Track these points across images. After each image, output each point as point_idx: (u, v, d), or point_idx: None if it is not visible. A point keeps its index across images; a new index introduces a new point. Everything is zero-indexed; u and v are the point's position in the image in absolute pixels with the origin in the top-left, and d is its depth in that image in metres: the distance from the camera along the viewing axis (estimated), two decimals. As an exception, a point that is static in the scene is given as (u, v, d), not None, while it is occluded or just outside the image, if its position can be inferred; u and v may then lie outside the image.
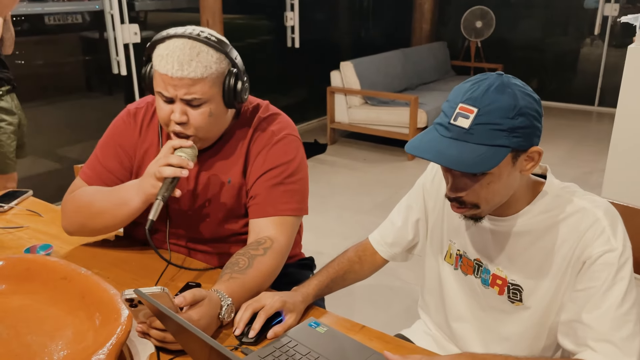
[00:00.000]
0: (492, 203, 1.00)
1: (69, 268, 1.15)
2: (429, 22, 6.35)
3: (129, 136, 1.37)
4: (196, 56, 1.15)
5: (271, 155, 1.29)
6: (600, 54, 5.97)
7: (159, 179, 1.17)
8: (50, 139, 3.63)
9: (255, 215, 1.28)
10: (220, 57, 1.19)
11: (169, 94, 1.17)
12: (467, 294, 1.16)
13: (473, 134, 0.90)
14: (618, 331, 0.94)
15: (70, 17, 3.66)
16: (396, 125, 4.65)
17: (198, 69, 1.15)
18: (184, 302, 0.97)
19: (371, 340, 1.06)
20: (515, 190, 1.01)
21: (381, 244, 1.31)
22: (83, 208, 1.31)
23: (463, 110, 0.91)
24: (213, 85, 1.19)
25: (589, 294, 0.97)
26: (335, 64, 4.88)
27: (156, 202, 1.17)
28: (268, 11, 5.14)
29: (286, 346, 1.00)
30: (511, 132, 0.90)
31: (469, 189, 0.97)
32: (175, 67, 1.14)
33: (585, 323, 0.97)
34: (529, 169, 0.98)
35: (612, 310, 0.94)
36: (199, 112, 1.20)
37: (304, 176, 1.34)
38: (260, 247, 1.21)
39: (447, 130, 0.93)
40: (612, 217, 0.99)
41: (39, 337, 1.01)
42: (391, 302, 2.57)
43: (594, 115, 6.02)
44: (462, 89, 0.94)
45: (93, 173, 1.37)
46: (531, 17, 6.33)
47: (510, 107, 0.90)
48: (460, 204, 1.00)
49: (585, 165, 4.35)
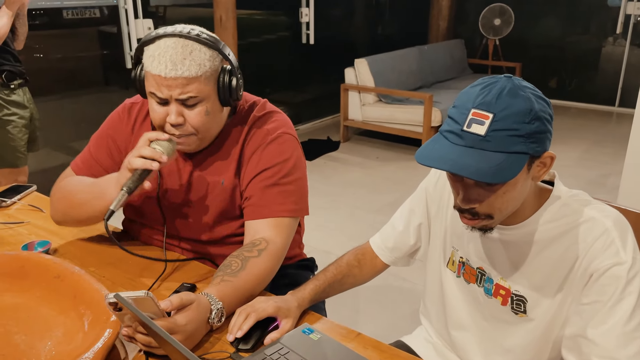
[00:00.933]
0: (505, 212, 0.95)
1: (63, 267, 1.14)
2: (446, 19, 6.26)
3: (121, 131, 1.35)
4: (189, 54, 1.13)
5: (265, 155, 1.26)
6: (622, 53, 5.83)
7: (130, 170, 1.14)
8: (64, 133, 3.66)
9: (250, 217, 1.25)
10: (214, 54, 1.16)
11: (163, 95, 1.15)
12: (470, 303, 1.12)
13: (490, 141, 0.85)
14: (624, 349, 0.89)
15: (88, 11, 3.69)
16: (410, 123, 4.59)
17: (192, 68, 1.12)
18: (170, 307, 0.95)
19: (366, 349, 1.02)
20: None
21: (382, 248, 1.27)
22: (65, 198, 1.30)
23: (477, 116, 0.86)
24: (208, 83, 1.16)
25: (595, 309, 0.93)
26: (350, 61, 4.84)
27: (120, 193, 1.13)
28: (283, 7, 5.11)
29: (277, 353, 0.97)
30: (528, 137, 0.86)
31: (483, 199, 0.92)
32: (169, 66, 1.11)
33: (590, 339, 0.92)
34: (541, 175, 0.94)
35: (618, 326, 0.90)
36: (195, 112, 1.17)
37: (301, 176, 1.30)
38: (254, 248, 1.18)
39: (459, 138, 0.87)
40: (622, 227, 0.94)
41: (28, 337, 1.00)
42: (397, 304, 2.53)
43: (614, 116, 5.89)
44: (471, 93, 0.89)
45: (83, 164, 1.36)
46: (551, 15, 6.19)
47: (527, 112, 0.85)
48: (473, 216, 0.95)
49: (602, 167, 4.25)
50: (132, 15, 3.58)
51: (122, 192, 1.13)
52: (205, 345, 1.02)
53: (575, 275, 0.96)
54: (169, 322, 0.93)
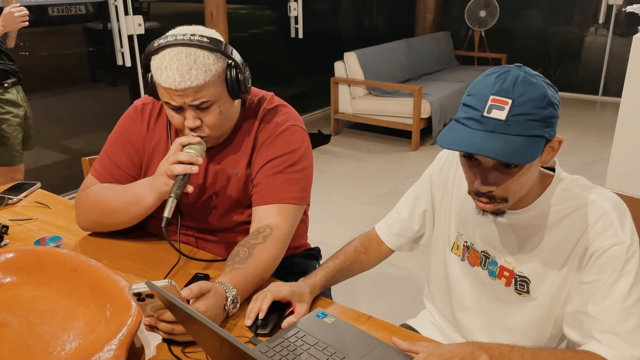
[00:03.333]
0: (518, 195, 0.99)
1: (79, 260, 1.17)
2: (432, 11, 6.31)
3: (137, 132, 1.38)
4: (194, 63, 1.15)
5: (275, 145, 1.31)
6: (605, 43, 5.93)
7: (171, 176, 1.19)
8: (56, 130, 3.65)
9: (257, 203, 1.30)
10: (217, 57, 1.19)
11: (176, 104, 1.19)
12: (474, 285, 1.17)
13: (510, 125, 0.89)
14: (624, 323, 0.94)
15: (74, 8, 3.66)
16: (400, 115, 4.64)
17: (200, 76, 1.16)
18: (190, 295, 0.98)
19: (378, 331, 1.07)
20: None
21: (387, 234, 1.32)
22: (96, 206, 1.34)
23: (497, 102, 0.90)
24: (217, 86, 1.20)
25: (595, 286, 0.98)
26: (339, 55, 4.87)
27: (170, 200, 1.19)
28: (272, 1, 5.12)
29: (294, 336, 1.01)
30: (544, 121, 0.91)
31: (500, 182, 0.95)
32: (177, 79, 1.15)
33: (591, 315, 0.97)
34: (550, 159, 1.00)
35: (618, 302, 0.95)
36: (210, 114, 1.22)
37: (307, 166, 1.35)
38: (259, 235, 1.22)
39: (479, 124, 0.91)
40: (620, 210, 0.99)
41: (50, 327, 1.03)
42: (396, 291, 2.59)
43: (598, 104, 6.00)
44: (487, 82, 0.93)
45: (104, 170, 1.39)
46: (535, 7, 6.28)
47: (541, 97, 0.90)
48: (489, 199, 0.98)
49: (589, 155, 4.34)
50: (122, 12, 3.58)
51: (171, 198, 1.19)
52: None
53: (576, 255, 1.01)
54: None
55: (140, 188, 1.28)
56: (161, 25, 4.14)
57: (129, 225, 1.35)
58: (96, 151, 1.46)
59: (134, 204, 1.28)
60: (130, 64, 3.66)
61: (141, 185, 1.28)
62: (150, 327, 1.01)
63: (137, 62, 3.74)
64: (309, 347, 0.98)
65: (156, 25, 4.06)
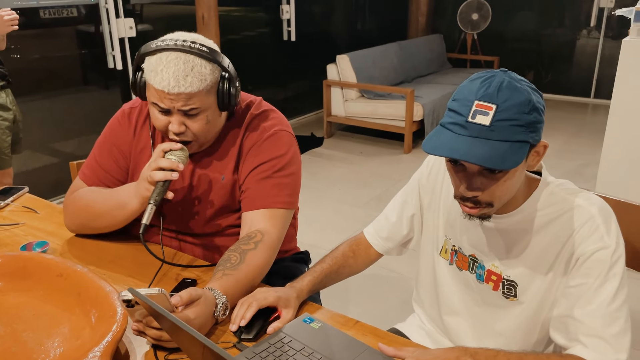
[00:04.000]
0: (503, 200, 1.00)
1: (65, 265, 1.16)
2: (425, 14, 6.33)
3: (123, 136, 1.38)
4: (191, 71, 1.16)
5: (262, 150, 1.31)
6: (596, 46, 5.97)
7: (151, 182, 1.19)
8: (46, 133, 3.62)
9: (246, 208, 1.30)
10: (214, 67, 1.20)
11: (165, 106, 1.19)
12: (462, 289, 1.17)
13: (494, 131, 0.89)
14: (609, 327, 0.95)
15: (65, 10, 3.65)
16: (393, 118, 4.65)
17: (194, 83, 1.16)
18: (180, 302, 0.98)
19: (365, 335, 1.07)
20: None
21: (376, 238, 1.32)
22: (83, 209, 1.35)
23: (481, 108, 0.90)
24: (209, 95, 1.21)
25: (581, 290, 0.98)
26: (331, 57, 4.87)
27: (149, 207, 1.19)
28: (264, 4, 5.13)
29: (281, 342, 1.01)
30: (528, 127, 0.91)
31: (486, 187, 0.96)
32: (172, 83, 1.15)
33: (577, 319, 0.98)
34: (535, 164, 1.00)
35: (603, 306, 0.95)
36: (197, 121, 1.22)
37: (296, 171, 1.34)
38: (250, 241, 1.22)
39: (464, 129, 0.91)
40: (606, 214, 1.00)
41: (35, 334, 1.02)
42: (386, 295, 2.59)
43: (590, 107, 6.03)
44: (471, 87, 0.93)
45: (91, 173, 1.39)
46: (527, 9, 6.31)
47: (525, 103, 0.90)
48: (474, 204, 0.98)
49: (580, 158, 4.36)
50: (114, 14, 3.57)
51: (150, 205, 1.19)
52: (210, 337, 1.05)
53: (563, 259, 1.01)
54: (180, 316, 0.96)
55: (125, 193, 1.28)
56: (153, 28, 4.13)
57: (116, 228, 1.35)
58: (86, 155, 1.45)
59: (118, 208, 1.28)
60: (122, 66, 3.65)
61: (126, 190, 1.28)
62: (138, 332, 1.00)
63: (128, 64, 3.73)
64: (295, 353, 0.98)
65: (148, 27, 4.05)
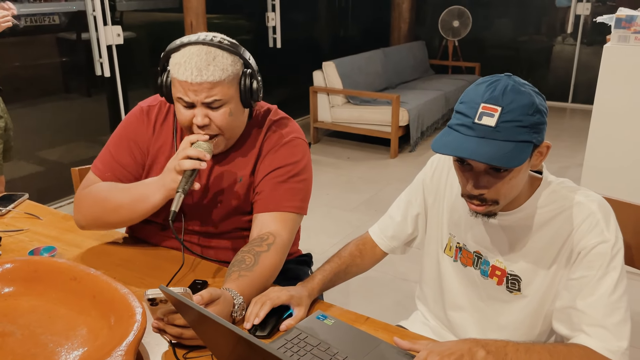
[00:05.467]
0: (508, 198, 1.05)
1: (78, 269, 1.17)
2: (407, 21, 6.43)
3: (142, 133, 1.40)
4: (212, 60, 1.20)
5: (279, 155, 1.34)
6: (573, 52, 6.13)
7: (179, 172, 1.21)
8: (35, 141, 3.59)
9: (259, 210, 1.32)
10: (235, 59, 1.24)
11: (190, 99, 1.22)
12: (466, 285, 1.22)
13: (500, 132, 0.94)
14: (610, 317, 1.00)
15: (47, 18, 3.63)
16: (379, 123, 4.71)
17: (216, 73, 1.20)
18: (201, 301, 1.00)
19: (377, 331, 1.10)
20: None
21: (381, 237, 1.35)
22: (99, 202, 1.33)
23: (487, 110, 0.95)
24: (231, 87, 1.24)
25: (583, 283, 1.03)
26: (316, 64, 4.92)
27: (177, 195, 1.21)
28: (249, 11, 5.16)
29: (297, 338, 1.04)
30: (531, 128, 0.96)
31: (491, 185, 1.01)
32: (195, 73, 1.19)
33: (579, 309, 1.02)
34: (538, 164, 1.05)
35: (605, 297, 1.00)
36: (220, 113, 1.24)
37: (308, 178, 1.39)
38: (263, 243, 1.24)
39: (471, 130, 0.96)
40: (605, 210, 1.05)
41: (53, 336, 1.03)
42: (383, 296, 2.63)
43: (568, 111, 6.18)
44: (477, 90, 0.98)
45: (106, 168, 1.39)
46: (506, 17, 6.46)
47: (529, 105, 0.96)
48: (481, 202, 1.03)
49: (561, 161, 4.48)
50: (101, 22, 3.56)
51: (178, 193, 1.21)
52: (227, 335, 1.07)
53: (565, 253, 1.06)
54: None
55: (147, 186, 1.28)
56: (140, 35, 4.13)
57: (130, 223, 1.36)
58: (77, 162, 1.46)
59: (139, 201, 1.28)
60: (110, 74, 3.64)
61: (148, 183, 1.29)
62: (159, 330, 1.02)
63: (116, 72, 3.73)
64: (311, 348, 1.01)
65: (135, 35, 4.05)
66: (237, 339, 0.71)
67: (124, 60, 3.78)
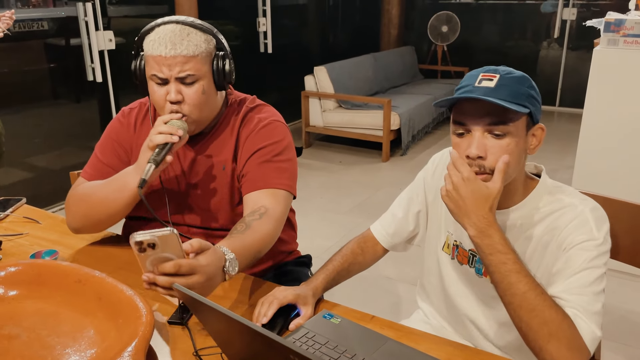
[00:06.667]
0: (507, 175, 1.05)
1: (83, 271, 1.17)
2: (396, 27, 6.49)
3: (124, 133, 1.42)
4: (187, 36, 1.24)
5: (259, 137, 1.36)
6: (560, 57, 6.22)
7: (151, 147, 1.20)
8: (25, 147, 3.56)
9: (248, 190, 1.31)
10: (208, 38, 1.28)
11: (163, 75, 1.24)
12: (464, 282, 1.24)
13: (498, 92, 1.00)
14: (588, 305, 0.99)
15: (36, 24, 3.61)
16: (370, 127, 4.74)
17: (190, 47, 1.23)
18: (191, 249, 0.97)
19: (383, 329, 1.11)
20: (513, 182, 1.09)
21: (383, 234, 1.37)
22: (84, 199, 1.34)
23: (486, 76, 1.02)
24: (204, 63, 1.26)
25: (565, 275, 1.03)
26: (307, 69, 4.95)
27: (147, 165, 1.18)
28: (240, 17, 5.17)
29: (305, 337, 1.05)
30: (527, 98, 1.02)
31: (490, 149, 1.03)
32: (169, 46, 1.22)
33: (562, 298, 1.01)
34: (534, 148, 1.08)
35: (585, 286, 1.00)
36: (193, 90, 1.26)
37: (293, 158, 1.39)
38: (255, 213, 1.23)
39: (471, 92, 1.01)
40: (598, 214, 1.06)
41: (60, 338, 1.03)
42: (378, 297, 2.64)
43: (555, 115, 6.26)
44: (476, 70, 1.06)
45: (94, 171, 1.40)
46: (494, 22, 6.55)
47: (524, 79, 1.04)
48: (479, 168, 1.04)
49: (550, 163, 4.53)
50: (93, 27, 3.55)
51: (149, 164, 1.18)
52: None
53: (552, 250, 1.08)
54: (191, 261, 0.95)
55: (125, 174, 1.28)
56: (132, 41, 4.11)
57: (119, 217, 1.34)
58: (69, 167, 1.45)
59: (120, 190, 1.27)
60: (102, 79, 3.63)
61: (125, 172, 1.29)
62: (149, 285, 0.98)
63: (108, 77, 3.71)
64: (320, 347, 1.02)
65: (127, 40, 4.04)
66: (253, 335, 0.72)
67: (116, 65, 3.77)
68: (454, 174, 1.04)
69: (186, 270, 0.93)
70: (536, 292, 0.98)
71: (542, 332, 0.95)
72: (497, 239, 1.02)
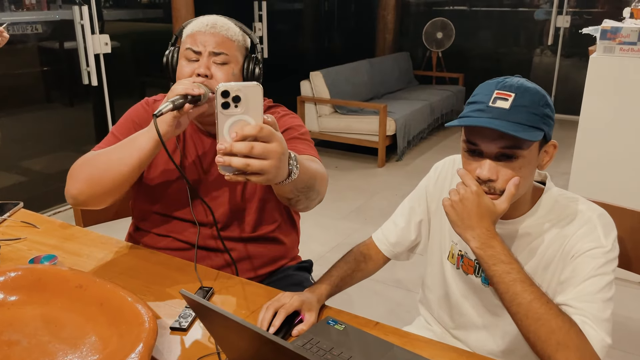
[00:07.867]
0: (516, 193, 1.04)
1: (83, 276, 1.15)
2: (391, 33, 6.51)
3: (145, 117, 1.42)
4: (226, 23, 1.31)
5: (282, 122, 1.37)
6: (554, 64, 6.26)
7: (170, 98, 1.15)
8: (19, 151, 3.53)
9: None
10: (245, 37, 1.34)
11: (197, 48, 1.26)
12: (469, 292, 1.23)
13: (513, 114, 0.98)
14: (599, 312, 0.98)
15: (30, 27, 3.59)
16: (366, 133, 4.75)
17: (229, 31, 1.29)
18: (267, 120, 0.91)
19: (387, 335, 1.10)
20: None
21: (385, 243, 1.36)
22: (89, 162, 1.28)
23: (501, 95, 1.00)
24: (238, 52, 1.31)
25: (572, 283, 1.02)
26: (303, 74, 4.95)
27: (164, 104, 1.12)
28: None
29: (309, 343, 1.04)
30: (542, 117, 1.00)
31: (502, 173, 1.02)
32: (209, 24, 1.28)
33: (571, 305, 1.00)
34: (545, 164, 1.07)
35: (593, 293, 0.99)
36: (223, 70, 1.27)
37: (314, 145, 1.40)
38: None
39: (485, 112, 0.99)
40: (606, 221, 1.06)
41: (61, 344, 1.01)
42: (373, 305, 2.63)
43: (550, 121, 6.30)
44: (490, 83, 1.03)
45: (107, 145, 1.34)
46: (489, 29, 6.58)
47: (540, 97, 1.01)
48: (489, 189, 1.04)
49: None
50: (89, 31, 3.54)
51: (166, 103, 1.12)
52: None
53: (560, 258, 1.07)
54: (271, 128, 0.90)
55: (135, 134, 1.24)
56: (128, 44, 4.10)
57: (123, 185, 1.24)
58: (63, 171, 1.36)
59: (127, 147, 1.21)
60: (97, 82, 3.61)
61: (136, 132, 1.25)
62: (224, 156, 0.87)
63: (103, 81, 3.70)
64: (325, 353, 1.01)
65: (122, 44, 4.02)
66: (262, 342, 0.71)
67: (112, 69, 3.75)
68: (461, 187, 1.04)
69: (266, 134, 0.88)
70: (542, 301, 0.97)
71: (550, 341, 0.95)
72: (499, 250, 1.02)
